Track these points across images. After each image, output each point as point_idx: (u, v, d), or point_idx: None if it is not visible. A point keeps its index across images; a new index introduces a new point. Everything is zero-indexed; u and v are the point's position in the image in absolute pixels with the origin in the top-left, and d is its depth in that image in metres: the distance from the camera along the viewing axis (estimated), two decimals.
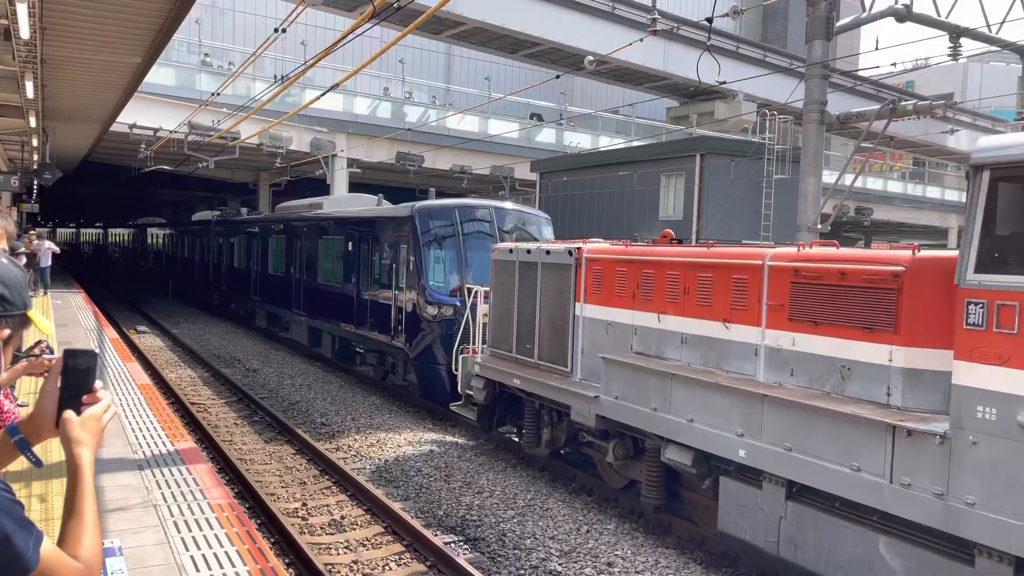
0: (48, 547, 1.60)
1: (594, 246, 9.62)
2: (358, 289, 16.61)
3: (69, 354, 1.83)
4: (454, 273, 13.94)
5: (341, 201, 20.83)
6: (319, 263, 19.21)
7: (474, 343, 11.90)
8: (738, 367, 7.40)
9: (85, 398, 1.81)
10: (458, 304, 13.28)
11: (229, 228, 28.24)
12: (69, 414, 1.78)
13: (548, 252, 10.10)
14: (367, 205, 18.84)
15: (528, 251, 10.50)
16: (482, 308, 11.53)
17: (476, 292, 11.79)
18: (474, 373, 11.31)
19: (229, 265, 27.62)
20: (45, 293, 21.76)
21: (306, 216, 20.90)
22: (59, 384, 1.82)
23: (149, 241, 42.53)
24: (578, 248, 9.62)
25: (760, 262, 7.17)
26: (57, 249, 24.26)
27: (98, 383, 1.85)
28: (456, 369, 11.82)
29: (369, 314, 15.94)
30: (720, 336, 7.62)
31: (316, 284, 19.25)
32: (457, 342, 11.98)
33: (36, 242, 22.25)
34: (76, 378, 1.82)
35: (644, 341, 8.61)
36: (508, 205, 15.29)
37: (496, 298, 11.21)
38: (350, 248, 17.21)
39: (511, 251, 10.89)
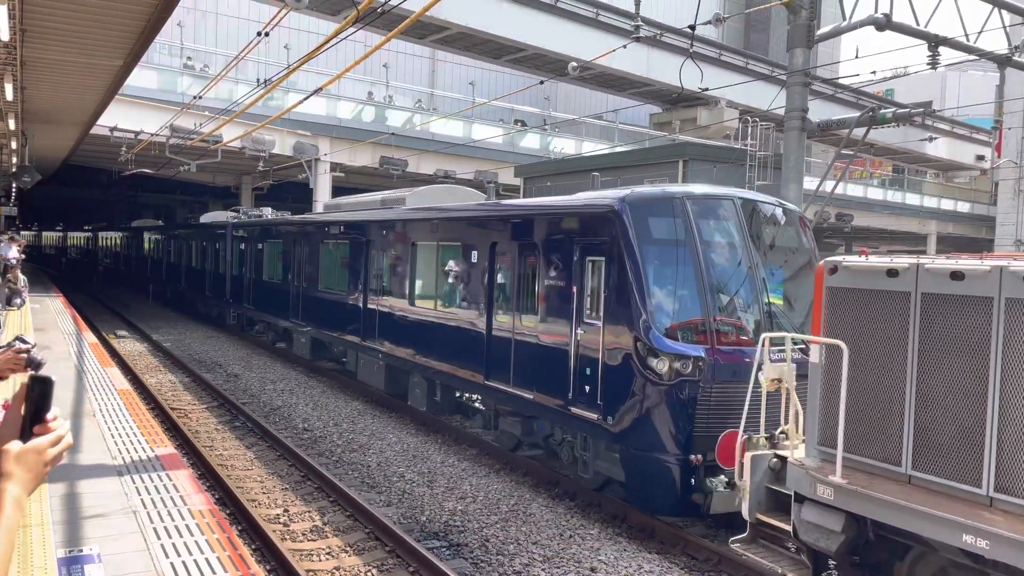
0: None
1: None
2: (490, 320, 11.33)
3: (32, 380, 1.77)
4: (692, 304, 8.87)
5: (435, 195, 15.37)
6: (412, 279, 13.86)
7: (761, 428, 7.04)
8: None
9: (36, 428, 1.74)
10: (703, 355, 8.44)
11: (255, 231, 22.93)
12: (10, 445, 1.70)
13: None
14: (472, 199, 14.46)
15: (958, 274, 5.64)
16: (771, 369, 6.89)
17: (763, 340, 6.99)
18: (817, 498, 6.18)
19: (255, 277, 22.50)
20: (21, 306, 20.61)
21: (388, 217, 15.18)
22: (22, 410, 1.75)
23: (146, 247, 37.38)
24: None
25: None
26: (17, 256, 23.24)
27: (54, 412, 1.77)
28: (739, 476, 6.91)
29: (515, 359, 10.62)
30: None
31: (407, 310, 13.83)
32: (742, 426, 7.03)
33: (4, 245, 21.36)
34: (30, 406, 1.76)
35: None
36: (759, 195, 10.32)
37: (848, 358, 6.09)
38: (474, 260, 11.82)
39: (894, 273, 6.04)
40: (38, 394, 1.75)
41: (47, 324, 17.76)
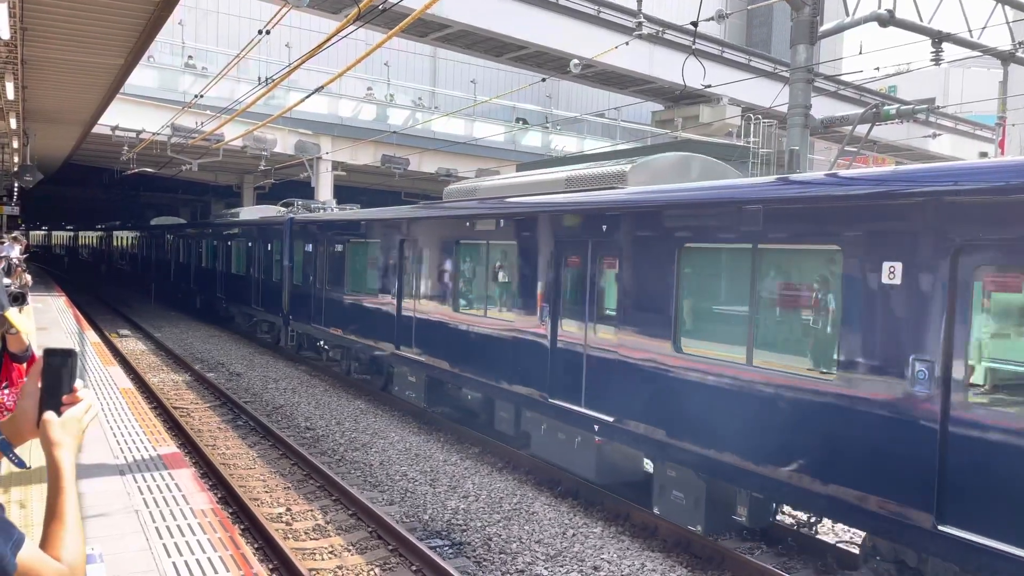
0: (29, 551, 1.60)
1: None
2: (948, 396, 5.65)
3: (48, 353, 1.81)
4: None
5: (674, 169, 10.21)
6: (679, 306, 8.14)
7: None
8: None
9: (65, 398, 1.79)
10: None
11: (332, 230, 17.73)
12: (49, 415, 1.76)
13: None
14: (719, 174, 10.06)
15: None
16: None
17: None
18: None
19: (331, 288, 17.32)
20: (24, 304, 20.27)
21: (616, 202, 9.27)
22: (39, 385, 1.80)
23: (168, 248, 33.46)
24: None
25: None
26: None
27: (79, 383, 1.82)
28: None
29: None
30: None
31: (665, 360, 8.18)
32: None
33: (7, 245, 21.27)
34: (55, 378, 1.80)
35: None
36: None
37: None
38: (878, 281, 6.17)
39: None
40: (62, 366, 1.80)
41: (49, 323, 17.76)
